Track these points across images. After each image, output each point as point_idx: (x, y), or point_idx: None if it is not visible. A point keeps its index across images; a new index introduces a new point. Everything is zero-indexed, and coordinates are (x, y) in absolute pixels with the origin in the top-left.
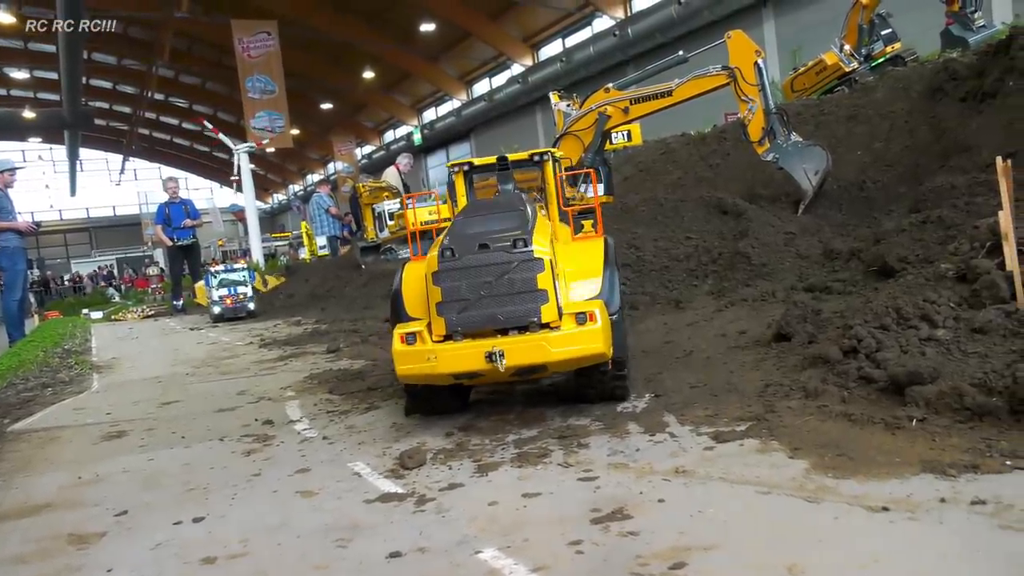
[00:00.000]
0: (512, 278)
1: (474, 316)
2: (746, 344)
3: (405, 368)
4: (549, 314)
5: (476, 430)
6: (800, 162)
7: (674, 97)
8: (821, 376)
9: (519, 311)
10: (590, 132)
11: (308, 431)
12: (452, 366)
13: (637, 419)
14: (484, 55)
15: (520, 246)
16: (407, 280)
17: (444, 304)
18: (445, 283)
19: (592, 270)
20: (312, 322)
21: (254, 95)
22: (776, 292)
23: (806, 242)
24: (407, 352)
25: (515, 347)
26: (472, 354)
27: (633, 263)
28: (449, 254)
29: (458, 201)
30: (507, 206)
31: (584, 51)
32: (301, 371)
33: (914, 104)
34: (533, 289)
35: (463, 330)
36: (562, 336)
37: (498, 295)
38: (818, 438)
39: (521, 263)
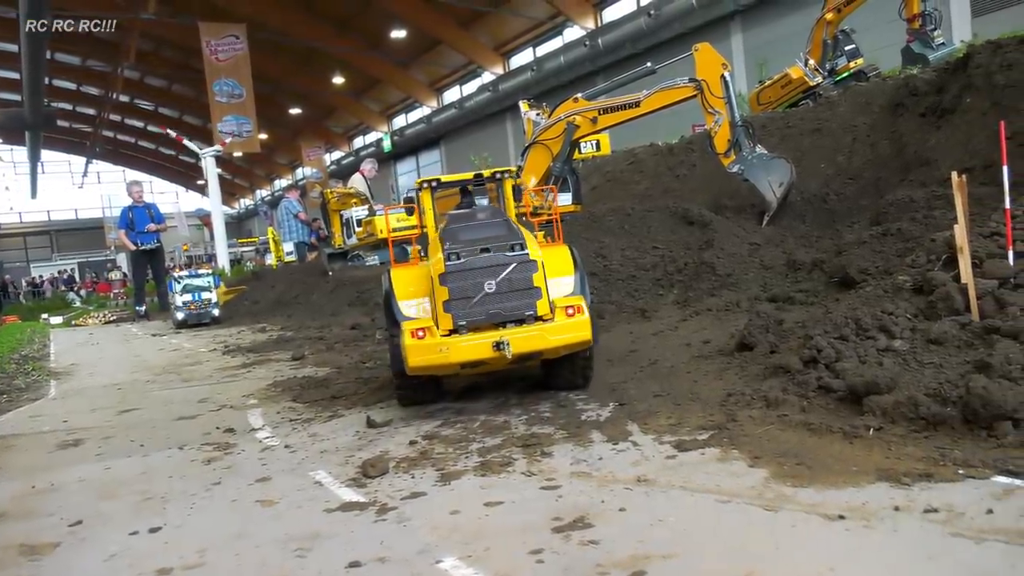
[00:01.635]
0: (511, 277)
1: (478, 311)
2: (710, 353)
3: (417, 360)
4: (543, 308)
5: (440, 439)
6: (765, 174)
7: (642, 108)
8: (782, 386)
9: (518, 306)
10: (559, 141)
11: (270, 439)
12: (462, 356)
13: (601, 428)
14: (455, 62)
15: (517, 249)
16: (397, 283)
17: (451, 302)
18: (452, 283)
19: (565, 271)
20: (277, 329)
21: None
22: (740, 302)
23: (770, 253)
24: (419, 345)
25: (518, 337)
26: (480, 345)
27: (600, 272)
28: (455, 257)
29: (426, 215)
30: (491, 217)
31: (555, 60)
32: (264, 378)
33: (876, 119)
34: (529, 287)
35: (468, 324)
36: (557, 326)
37: (499, 292)
38: (778, 447)
39: (519, 264)
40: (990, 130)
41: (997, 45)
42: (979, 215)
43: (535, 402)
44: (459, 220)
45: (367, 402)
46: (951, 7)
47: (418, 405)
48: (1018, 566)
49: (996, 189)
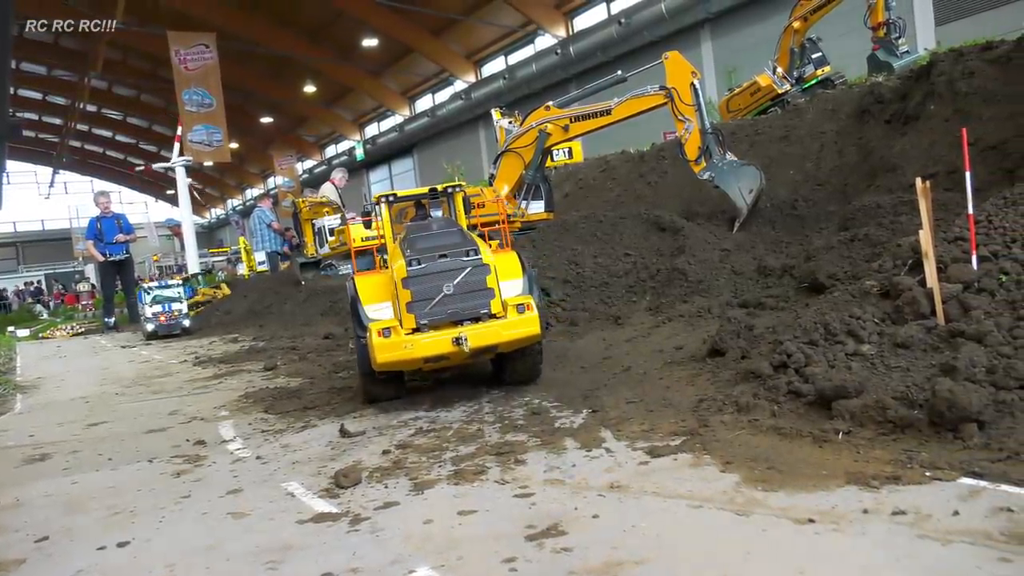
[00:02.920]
0: (467, 280)
1: (438, 311)
2: (682, 360)
3: (385, 356)
4: (496, 306)
5: (413, 448)
6: (735, 181)
7: (613, 116)
8: (753, 391)
9: (473, 305)
10: (531, 149)
11: (241, 451)
12: (425, 351)
13: (574, 435)
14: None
15: (472, 255)
16: (362, 289)
17: (414, 303)
18: (414, 286)
19: (515, 274)
20: (249, 339)
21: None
22: (712, 308)
23: (741, 259)
24: (385, 343)
25: (475, 333)
26: (441, 341)
27: (573, 279)
28: (416, 263)
29: (385, 226)
30: (446, 226)
31: (527, 68)
32: (236, 390)
33: (843, 125)
34: (484, 288)
35: (430, 323)
36: (510, 323)
37: (457, 294)
38: (749, 452)
39: (474, 268)
40: (953, 136)
41: (959, 53)
42: (944, 220)
43: (509, 410)
44: (417, 230)
45: (340, 412)
46: (915, 15)
47: (383, 402)
48: (984, 567)
49: (960, 194)
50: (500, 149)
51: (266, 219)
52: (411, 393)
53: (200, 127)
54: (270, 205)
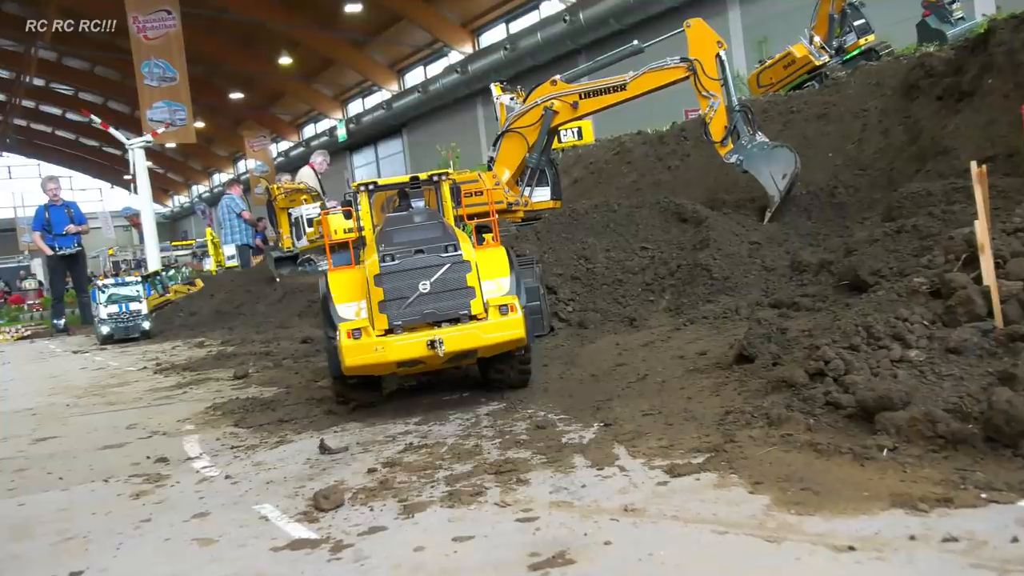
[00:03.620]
0: (445, 278)
1: (413, 311)
2: (706, 367)
3: (353, 359)
4: (476, 307)
5: (403, 466)
6: (766, 164)
7: (628, 91)
8: (785, 402)
9: (452, 305)
10: (535, 129)
11: (209, 469)
12: (397, 355)
13: (584, 451)
14: (418, 40)
15: (451, 251)
16: (334, 286)
17: (386, 302)
18: (387, 284)
19: (500, 272)
20: (217, 343)
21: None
22: (739, 308)
23: (772, 253)
24: (355, 345)
25: (452, 336)
26: (415, 344)
27: (582, 276)
28: (389, 259)
29: (363, 218)
30: (427, 219)
31: (530, 38)
32: (203, 400)
33: (888, 102)
34: (463, 287)
35: (404, 324)
36: (490, 325)
37: (433, 293)
38: (781, 471)
39: (453, 265)
40: (1013, 115)
41: (1022, 20)
42: (1002, 209)
43: (510, 424)
44: (394, 223)
45: (320, 426)
46: None
47: (360, 408)
48: None
49: (1020, 180)
50: (500, 129)
51: (236, 208)
52: (399, 402)
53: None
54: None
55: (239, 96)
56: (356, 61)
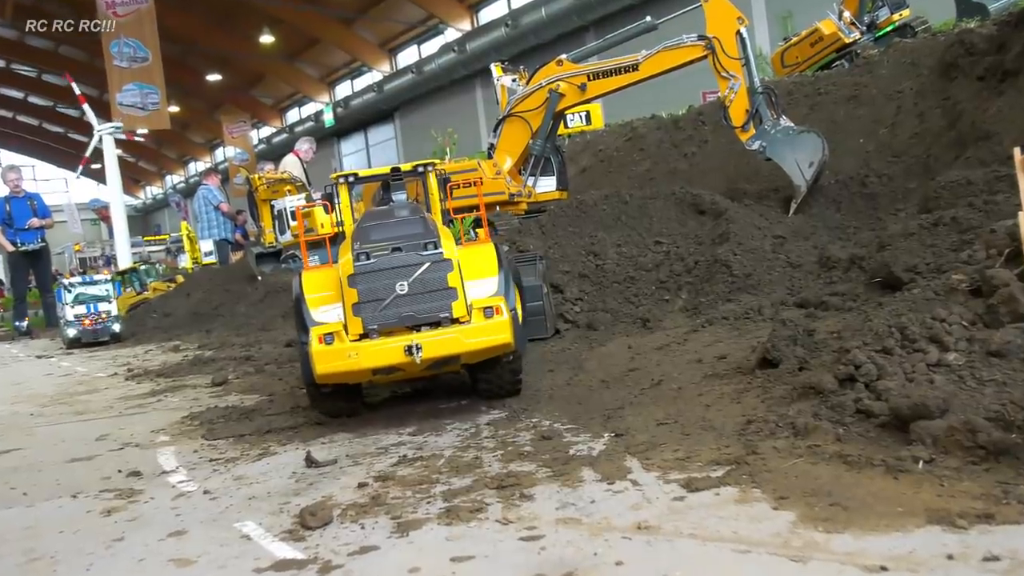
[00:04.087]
0: (424, 278)
1: (390, 314)
2: (725, 372)
3: (325, 367)
4: (459, 310)
5: (396, 480)
6: (791, 151)
7: (641, 72)
8: (813, 410)
9: (432, 308)
10: (540, 113)
11: (186, 484)
12: (372, 361)
13: (593, 464)
14: (411, 17)
15: (431, 248)
16: (308, 286)
17: (361, 304)
18: (361, 284)
19: (488, 271)
20: (194, 347)
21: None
22: (762, 308)
23: (798, 248)
24: (326, 351)
25: (432, 341)
26: (391, 349)
27: (591, 274)
28: (364, 257)
29: (343, 211)
30: (407, 214)
31: (534, 14)
32: (179, 409)
33: (925, 83)
34: (444, 287)
35: (380, 328)
36: (473, 328)
37: (412, 294)
38: (808, 484)
39: (433, 264)
40: None
41: None
42: None
43: (512, 434)
44: (372, 218)
45: (306, 437)
46: None
47: (337, 417)
48: None
49: None
50: (501, 113)
51: (214, 200)
52: (391, 411)
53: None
54: (218, 183)
55: (217, 78)
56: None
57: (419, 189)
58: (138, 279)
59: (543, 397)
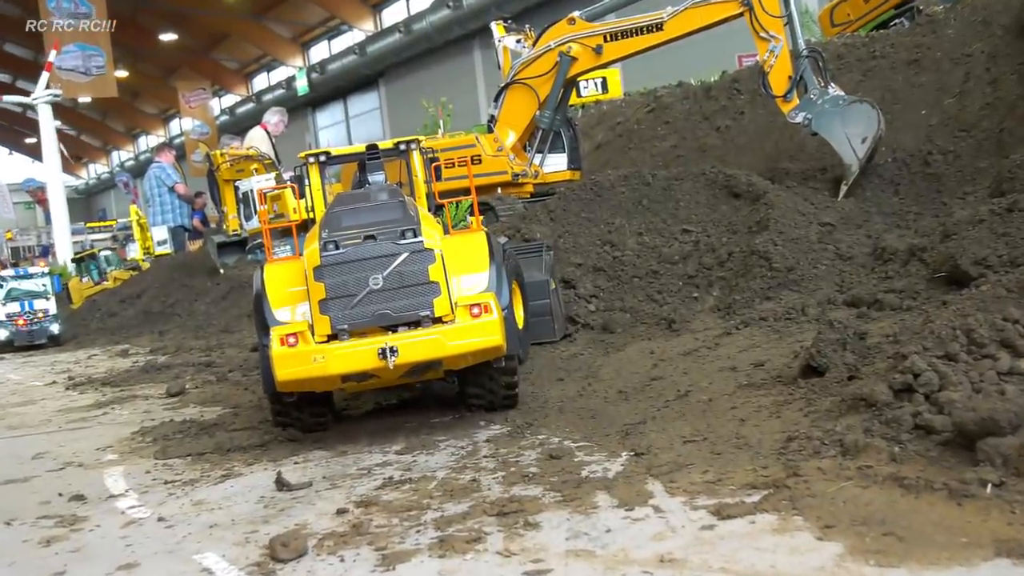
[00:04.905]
0: (402, 270)
1: (362, 312)
2: (763, 381)
3: (288, 372)
4: (442, 307)
5: (381, 505)
6: (841, 125)
7: (666, 32)
8: (864, 425)
9: (410, 305)
10: (548, 80)
11: (137, 510)
12: (342, 366)
13: (609, 487)
14: None
15: (409, 236)
16: (271, 281)
17: (328, 301)
18: (329, 278)
19: (477, 264)
20: (145, 351)
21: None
22: (806, 308)
23: (849, 237)
24: (289, 355)
25: (410, 343)
26: (363, 353)
27: (608, 267)
28: (332, 247)
29: (314, 195)
30: (386, 197)
31: None
32: (128, 424)
33: (998, 44)
34: (425, 281)
35: (350, 328)
36: (458, 329)
37: (387, 289)
38: (857, 511)
39: (411, 254)
40: None
41: None
42: None
43: (515, 453)
44: (344, 202)
45: (276, 455)
46: None
47: (304, 432)
48: None
49: None
50: (504, 80)
51: (168, 180)
52: (376, 425)
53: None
54: (173, 160)
55: (172, 38)
56: None
57: (402, 170)
58: (96, 267)
59: (551, 410)
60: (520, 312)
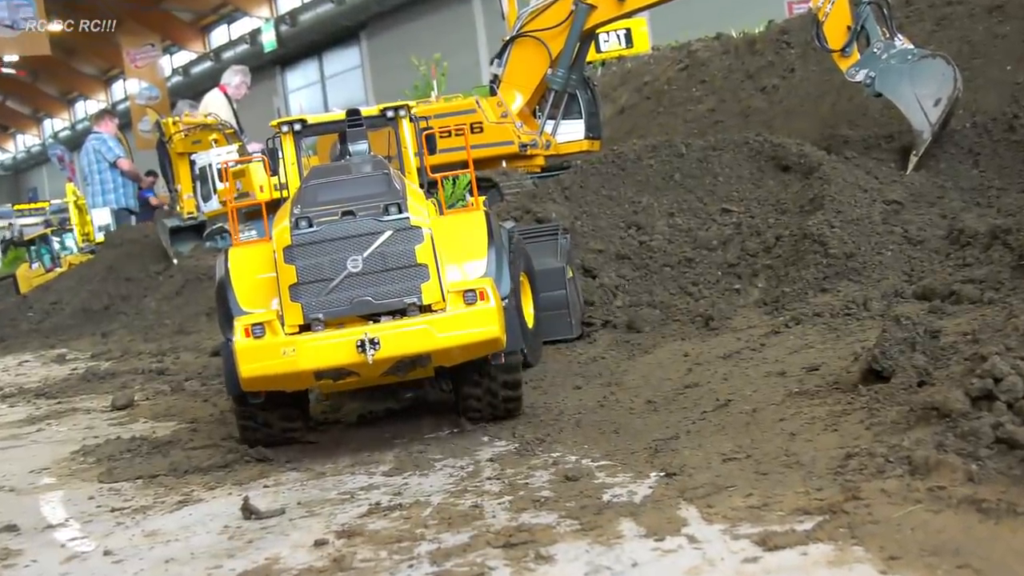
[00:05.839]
0: (384, 251)
1: (338, 299)
2: (817, 388)
3: (253, 368)
4: (431, 294)
5: (367, 536)
6: (910, 84)
7: None
8: (936, 439)
9: (394, 291)
10: (562, 33)
11: (79, 542)
12: (315, 361)
13: (635, 514)
14: None
15: (393, 212)
16: (236, 268)
17: (300, 287)
18: (301, 260)
19: (474, 247)
20: (86, 356)
21: None
22: (869, 301)
23: (919, 218)
24: (254, 348)
25: (392, 334)
26: (339, 346)
27: (634, 253)
28: (305, 224)
29: (288, 170)
30: (368, 169)
31: None
32: (67, 442)
33: None
34: (411, 264)
35: (325, 317)
36: (449, 319)
37: (368, 273)
38: (928, 540)
39: (396, 233)
40: None
41: None
42: None
43: (525, 473)
44: (321, 175)
45: (242, 478)
46: None
47: (270, 443)
48: None
49: None
50: (509, 33)
51: (110, 154)
52: (360, 439)
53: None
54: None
55: None
56: None
57: (390, 141)
58: (49, 251)
59: (566, 423)
60: (530, 310)
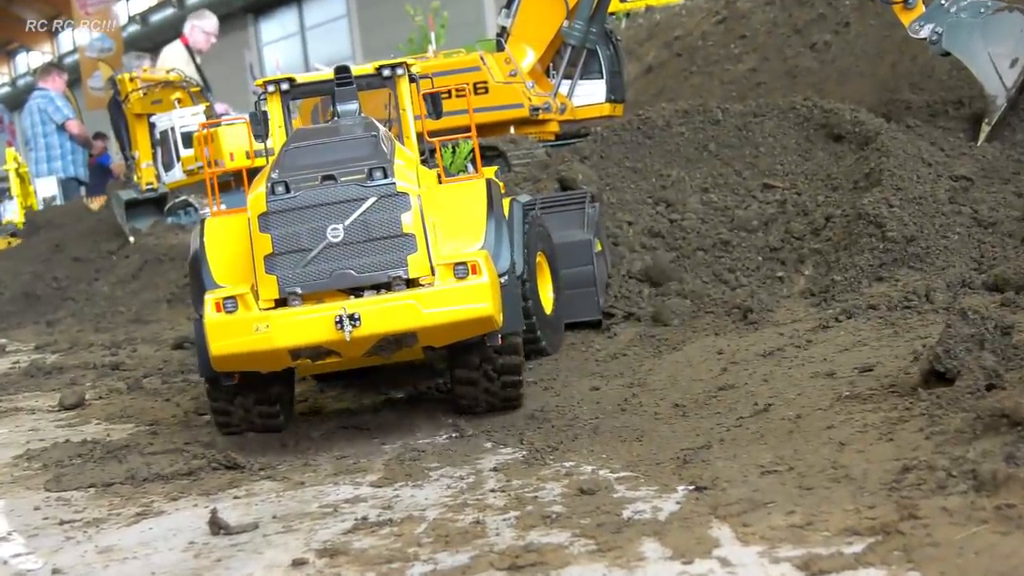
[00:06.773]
0: (368, 219)
1: (317, 271)
2: (871, 392)
3: (223, 345)
4: (418, 267)
5: (352, 555)
6: (983, 42)
7: None
8: (1006, 451)
9: (378, 263)
10: None
11: (24, 559)
12: (291, 338)
13: (660, 533)
14: None
15: (378, 177)
16: (212, 239)
17: (276, 257)
18: (277, 228)
19: (472, 220)
20: (29, 348)
21: None
22: (932, 292)
23: (992, 197)
24: (225, 323)
25: (375, 309)
26: (317, 321)
27: (664, 233)
28: (282, 189)
29: (273, 133)
30: (353, 131)
31: None
32: (9, 445)
33: None
34: (397, 234)
35: (303, 291)
36: (437, 294)
37: (350, 243)
38: (994, 565)
39: (380, 199)
40: None
41: None
42: None
43: (533, 485)
44: (303, 137)
45: (209, 487)
46: None
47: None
48: None
49: None
50: None
51: (57, 114)
52: (345, 445)
53: None
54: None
55: None
56: None
57: (389, 102)
58: None
59: (582, 429)
60: (548, 294)
